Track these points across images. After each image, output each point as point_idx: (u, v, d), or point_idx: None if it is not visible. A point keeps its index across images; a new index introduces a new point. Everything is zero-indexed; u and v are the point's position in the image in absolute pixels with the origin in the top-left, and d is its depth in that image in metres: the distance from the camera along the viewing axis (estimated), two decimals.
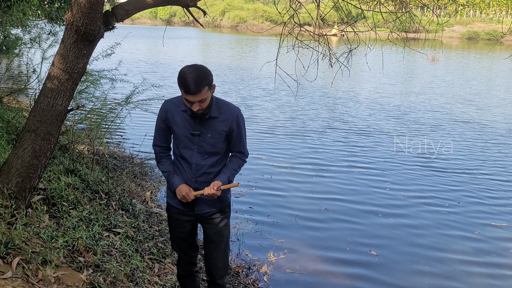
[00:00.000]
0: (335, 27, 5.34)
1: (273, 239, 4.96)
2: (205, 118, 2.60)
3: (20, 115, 6.12)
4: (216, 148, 2.65)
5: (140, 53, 25.23)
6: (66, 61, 3.10)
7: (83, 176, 4.66)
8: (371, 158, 8.10)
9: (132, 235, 3.99)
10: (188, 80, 2.40)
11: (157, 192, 5.95)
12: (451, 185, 6.89)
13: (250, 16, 68.56)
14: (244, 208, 5.65)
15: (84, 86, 5.96)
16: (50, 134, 3.21)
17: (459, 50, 39.12)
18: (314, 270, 4.42)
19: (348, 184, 6.75)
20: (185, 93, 2.43)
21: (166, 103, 2.71)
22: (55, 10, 8.26)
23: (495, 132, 10.50)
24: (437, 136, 9.88)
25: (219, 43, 37.85)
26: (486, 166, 7.94)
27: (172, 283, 3.56)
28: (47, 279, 2.61)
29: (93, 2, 2.91)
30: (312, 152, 8.29)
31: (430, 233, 5.32)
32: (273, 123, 10.48)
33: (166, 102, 2.71)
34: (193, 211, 2.74)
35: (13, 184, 3.16)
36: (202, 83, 2.41)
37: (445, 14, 28.81)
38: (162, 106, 2.70)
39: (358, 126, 10.51)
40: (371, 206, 5.98)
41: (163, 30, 32.61)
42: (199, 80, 2.41)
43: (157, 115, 2.73)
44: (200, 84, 2.40)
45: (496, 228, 5.53)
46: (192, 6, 3.60)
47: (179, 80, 2.45)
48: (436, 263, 4.65)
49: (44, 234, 3.06)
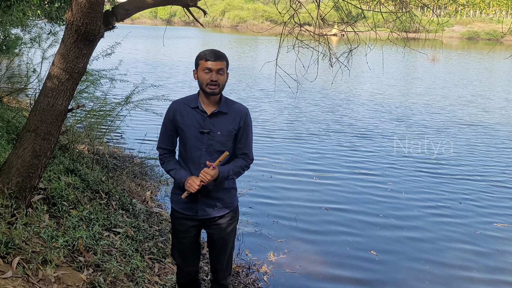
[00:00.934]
0: (335, 27, 5.34)
1: (273, 239, 4.96)
2: (215, 114, 2.60)
3: (20, 115, 6.12)
4: (225, 146, 2.63)
5: (140, 53, 25.25)
6: (66, 60, 3.10)
7: (83, 176, 4.66)
8: (371, 158, 8.10)
9: (132, 235, 3.99)
10: (210, 50, 2.57)
11: (157, 192, 5.95)
12: (452, 185, 6.88)
13: (250, 16, 68.59)
14: (244, 208, 5.64)
15: (84, 86, 5.97)
16: (50, 133, 3.21)
17: (459, 50, 39.12)
18: (314, 270, 4.42)
19: (348, 185, 6.75)
20: (205, 61, 2.53)
21: (174, 103, 2.70)
22: (55, 10, 8.25)
23: (496, 133, 10.49)
24: (437, 136, 9.88)
25: (219, 43, 37.84)
26: (486, 166, 7.94)
27: (172, 283, 3.56)
28: (47, 279, 2.61)
29: (93, 2, 2.91)
30: (312, 153, 8.30)
31: (431, 234, 5.32)
32: (273, 124, 10.48)
33: (174, 103, 2.70)
34: (196, 215, 2.70)
35: (13, 184, 3.16)
36: (222, 55, 2.58)
37: (445, 14, 28.81)
38: (170, 107, 2.69)
39: (358, 126, 10.51)
40: (371, 207, 5.98)
41: (163, 30, 32.65)
42: (220, 52, 2.58)
43: (164, 116, 2.72)
44: (221, 55, 2.57)
45: (498, 229, 5.52)
46: (192, 6, 3.60)
47: (201, 53, 2.58)
48: (437, 266, 4.64)
49: (44, 233, 3.06)
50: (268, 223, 5.33)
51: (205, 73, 2.53)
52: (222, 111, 2.62)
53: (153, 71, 18.36)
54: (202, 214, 2.70)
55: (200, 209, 2.69)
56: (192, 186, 2.55)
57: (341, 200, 6.16)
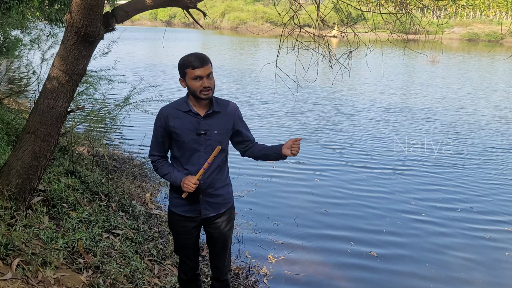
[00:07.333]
0: (335, 28, 5.34)
1: (273, 240, 4.95)
2: (209, 114, 2.61)
3: (20, 117, 6.11)
4: (222, 145, 2.64)
5: (139, 55, 25.26)
6: (66, 62, 3.10)
7: (83, 178, 4.66)
8: (371, 159, 8.10)
9: (132, 237, 3.99)
10: (194, 56, 2.52)
11: (157, 194, 5.95)
12: (452, 185, 6.88)
13: (250, 17, 68.63)
14: (244, 209, 5.64)
15: (83, 87, 5.96)
16: (50, 135, 3.21)
17: (460, 52, 39.13)
18: (314, 272, 4.41)
19: (349, 186, 6.74)
20: (193, 69, 2.49)
21: (164, 109, 2.66)
22: (55, 12, 8.27)
23: (496, 134, 10.50)
24: (437, 136, 9.88)
25: (219, 45, 37.88)
26: (486, 166, 7.94)
27: (172, 285, 3.55)
28: (47, 280, 2.61)
29: (93, 4, 2.91)
30: (313, 153, 8.29)
31: (431, 235, 5.31)
32: (273, 124, 10.48)
33: (164, 109, 2.66)
34: (199, 216, 2.72)
35: (13, 186, 3.16)
36: (206, 58, 2.55)
37: (445, 15, 28.84)
38: (160, 114, 2.65)
39: (358, 127, 10.51)
40: (371, 208, 5.97)
41: (163, 32, 32.63)
42: (203, 55, 2.55)
43: (155, 123, 2.68)
44: (205, 58, 2.53)
45: (500, 231, 5.52)
46: (192, 7, 3.59)
47: (184, 61, 2.54)
48: (438, 267, 4.64)
49: (44, 235, 3.06)
50: (268, 224, 5.32)
51: (195, 81, 2.51)
52: (216, 110, 2.63)
53: (153, 71, 18.36)
54: (205, 214, 2.72)
55: (203, 209, 2.70)
56: (189, 186, 2.54)
57: (341, 201, 6.16)
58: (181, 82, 2.61)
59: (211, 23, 68.66)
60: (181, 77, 2.60)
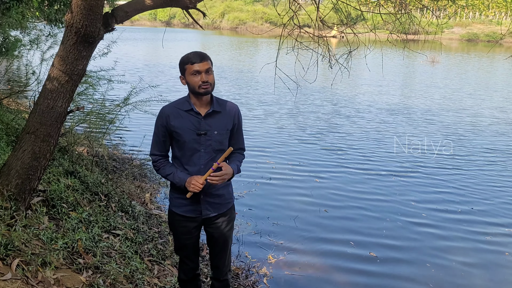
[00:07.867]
0: (335, 28, 5.34)
1: (273, 240, 4.95)
2: (209, 114, 2.61)
3: (20, 117, 6.12)
4: (222, 145, 2.65)
5: (139, 56, 25.26)
6: (65, 62, 3.10)
7: (83, 178, 4.65)
8: (371, 159, 8.10)
9: (132, 237, 3.99)
10: (193, 53, 2.58)
11: (157, 194, 5.95)
12: (452, 186, 6.88)
13: (249, 18, 68.69)
14: (244, 209, 5.64)
15: (83, 87, 5.97)
16: (49, 135, 3.21)
17: (459, 52, 39.16)
18: (314, 272, 4.41)
19: (349, 186, 6.74)
20: (192, 64, 2.54)
21: (165, 108, 2.67)
22: (54, 12, 8.26)
23: (495, 133, 10.50)
24: (437, 136, 9.88)
25: (219, 45, 37.88)
26: (486, 166, 7.94)
27: (171, 285, 3.55)
28: (47, 281, 2.61)
29: (93, 4, 2.91)
30: (313, 154, 8.29)
31: (432, 236, 5.31)
32: (273, 125, 10.48)
33: (165, 108, 2.68)
34: (200, 216, 2.72)
35: (12, 186, 3.16)
36: (206, 55, 2.59)
37: (445, 15, 28.86)
38: (162, 112, 2.66)
39: (358, 127, 10.51)
40: (371, 208, 5.97)
41: (163, 32, 32.61)
42: (202, 53, 2.60)
43: (156, 123, 2.69)
44: (204, 55, 2.58)
45: (501, 233, 5.52)
46: (192, 8, 3.60)
47: (184, 58, 2.59)
48: (439, 269, 4.64)
49: (44, 235, 3.06)
50: (267, 225, 5.32)
51: (194, 76, 2.54)
52: (217, 110, 2.64)
53: (153, 72, 18.36)
54: (206, 214, 2.72)
55: (204, 209, 2.71)
56: (197, 185, 2.55)
57: (340, 202, 6.16)
58: (181, 79, 2.64)
59: (210, 23, 68.72)
60: (181, 75, 2.63)
